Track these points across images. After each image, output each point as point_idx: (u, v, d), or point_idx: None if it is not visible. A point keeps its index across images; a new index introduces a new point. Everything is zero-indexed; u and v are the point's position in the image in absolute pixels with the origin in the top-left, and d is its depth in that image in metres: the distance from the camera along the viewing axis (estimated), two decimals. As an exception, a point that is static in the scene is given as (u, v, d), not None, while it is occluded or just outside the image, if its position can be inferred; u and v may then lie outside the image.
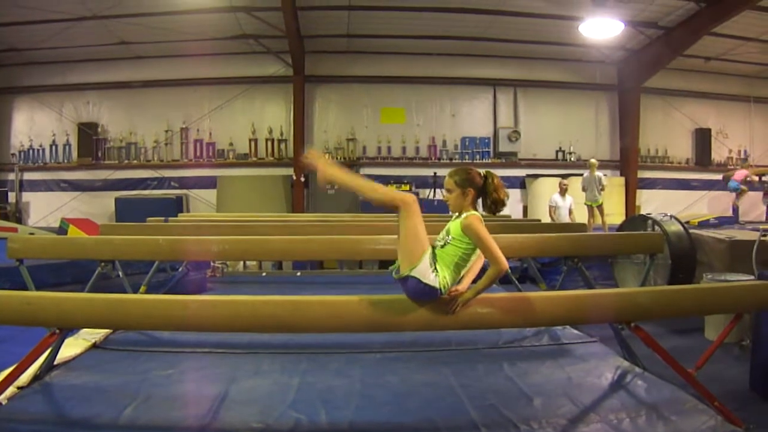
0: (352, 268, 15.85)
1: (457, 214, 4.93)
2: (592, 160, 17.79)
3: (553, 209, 17.59)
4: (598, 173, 17.43)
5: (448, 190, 4.96)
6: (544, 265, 12.79)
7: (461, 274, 4.86)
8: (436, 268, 4.67)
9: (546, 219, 17.28)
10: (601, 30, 17.73)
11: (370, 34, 20.24)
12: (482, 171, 4.97)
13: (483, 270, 4.93)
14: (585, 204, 17.65)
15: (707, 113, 23.57)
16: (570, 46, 20.66)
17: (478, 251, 4.82)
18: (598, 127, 23.11)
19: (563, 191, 17.82)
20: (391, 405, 5.52)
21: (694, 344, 7.87)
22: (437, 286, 4.64)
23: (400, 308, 4.78)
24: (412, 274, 4.63)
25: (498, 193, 4.90)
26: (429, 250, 4.70)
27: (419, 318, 4.81)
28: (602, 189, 17.32)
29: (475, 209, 4.91)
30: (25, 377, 5.63)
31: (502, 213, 5.08)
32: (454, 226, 4.84)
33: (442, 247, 4.82)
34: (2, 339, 7.03)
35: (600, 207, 17.37)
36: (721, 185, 21.43)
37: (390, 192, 5.02)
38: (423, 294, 4.68)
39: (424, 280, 4.62)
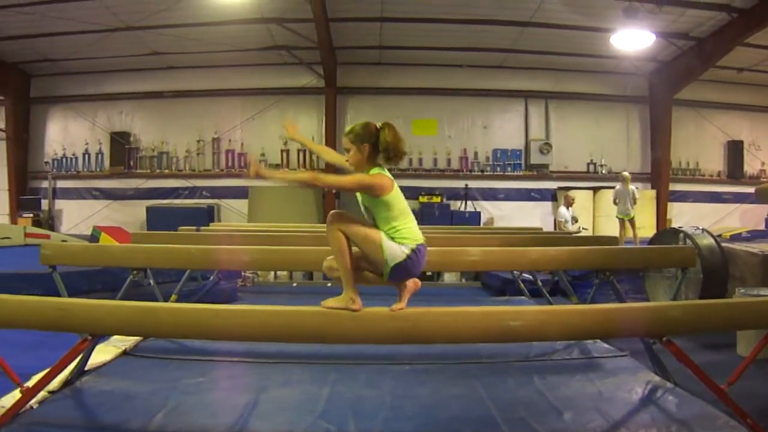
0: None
1: None
2: (626, 173, 17.68)
3: (562, 223, 17.53)
4: (632, 186, 17.34)
5: (347, 150, 4.90)
6: (575, 278, 12.72)
7: (409, 216, 4.85)
8: (394, 238, 4.68)
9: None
10: (633, 41, 17.66)
11: (402, 46, 20.27)
12: (380, 123, 4.89)
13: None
14: (617, 217, 17.56)
15: (740, 125, 23.35)
16: (601, 57, 20.56)
17: (399, 194, 4.82)
18: (629, 140, 22.96)
19: (569, 204, 17.79)
20: (420, 417, 5.49)
21: (726, 360, 7.76)
22: (410, 249, 4.68)
23: (430, 320, 4.77)
24: (391, 265, 4.65)
25: (393, 142, 4.81)
26: (382, 234, 4.69)
27: (449, 330, 4.80)
28: (635, 202, 17.24)
29: (379, 165, 4.87)
30: (56, 382, 5.66)
31: (533, 226, 5.08)
32: (362, 196, 4.84)
33: (375, 221, 4.81)
34: (34, 344, 7.06)
35: (632, 220, 17.27)
36: (754, 198, 21.27)
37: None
38: (411, 266, 4.72)
39: (401, 258, 4.65)
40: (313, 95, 21.47)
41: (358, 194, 4.85)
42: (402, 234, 4.70)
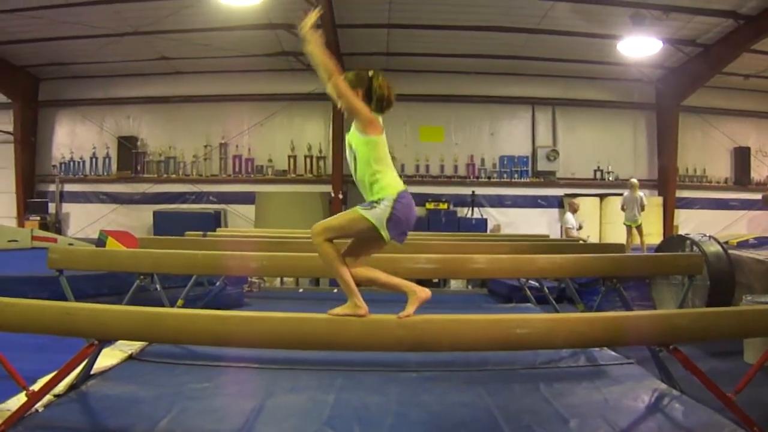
0: (387, 286, 15.86)
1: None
2: (633, 180, 17.72)
3: (569, 229, 17.55)
4: (639, 193, 17.37)
5: (337, 97, 4.87)
6: (581, 285, 12.69)
7: (391, 167, 4.89)
8: (375, 201, 4.72)
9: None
10: (640, 48, 17.70)
11: (410, 53, 20.29)
12: (371, 71, 4.91)
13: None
14: (624, 224, 17.59)
15: (747, 131, 23.29)
16: (608, 64, 20.57)
17: (385, 144, 4.88)
18: (636, 147, 22.96)
19: (575, 211, 17.85)
20: (427, 424, 5.48)
21: (733, 367, 7.72)
22: (391, 200, 4.68)
23: (437, 328, 4.79)
24: (384, 224, 4.69)
25: (383, 89, 4.85)
26: (356, 208, 4.77)
27: (456, 338, 4.81)
28: (642, 209, 17.25)
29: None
30: (61, 386, 5.67)
31: (540, 233, 5.10)
32: (350, 134, 4.90)
33: (355, 169, 4.88)
34: (40, 347, 7.06)
35: (639, 227, 17.29)
36: (761, 205, 21.23)
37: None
38: (402, 215, 4.74)
39: (387, 213, 4.67)
40: (321, 101, 21.34)
41: (347, 136, 4.95)
42: (381, 184, 4.74)
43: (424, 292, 4.86)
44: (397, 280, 5.03)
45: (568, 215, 17.81)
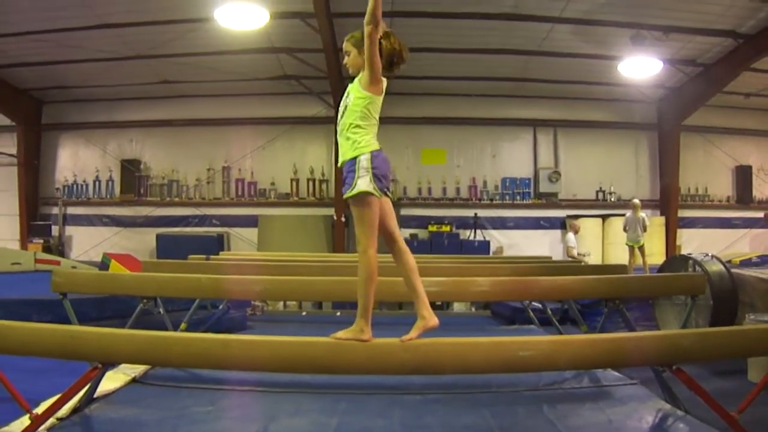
0: (391, 309, 15.86)
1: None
2: (636, 201, 17.77)
3: (571, 248, 17.58)
4: (642, 214, 17.40)
5: (347, 53, 5.12)
6: (584, 306, 12.69)
7: (375, 128, 5.02)
8: (356, 172, 4.83)
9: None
10: (640, 69, 17.74)
11: (411, 76, 20.29)
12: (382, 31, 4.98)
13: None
14: (626, 244, 17.62)
15: (748, 150, 23.29)
16: (609, 85, 20.63)
17: (379, 99, 5.00)
18: (638, 167, 22.96)
19: (576, 231, 18.03)
20: (431, 447, 5.49)
21: (737, 386, 7.72)
22: (368, 161, 4.83)
23: (440, 351, 4.80)
24: (375, 192, 4.85)
25: (393, 44, 5.00)
26: (353, 192, 4.83)
27: (459, 361, 4.83)
28: (645, 229, 17.29)
29: None
30: (65, 409, 5.67)
31: (542, 255, 5.13)
32: (352, 86, 5.01)
33: (342, 117, 5.03)
34: (43, 370, 7.08)
35: (641, 248, 17.32)
36: (763, 223, 21.21)
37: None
38: (379, 176, 4.86)
39: (370, 178, 4.80)
40: (323, 125, 21.43)
41: (349, 86, 5.07)
42: (360, 140, 4.88)
43: (433, 320, 4.91)
44: (422, 290, 5.12)
45: (570, 235, 17.85)
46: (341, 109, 5.04)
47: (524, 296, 9.96)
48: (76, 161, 23.22)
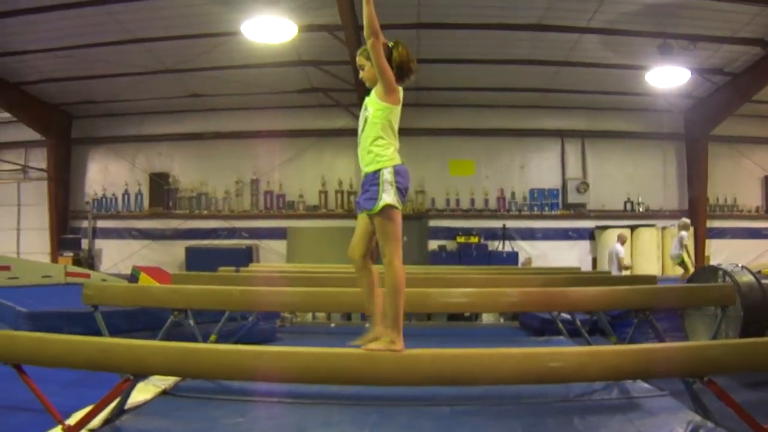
0: (420, 320, 15.84)
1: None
2: (683, 220, 17.84)
3: (623, 259, 17.53)
4: (683, 232, 17.42)
5: (361, 67, 5.22)
6: (613, 318, 12.59)
7: (396, 140, 5.13)
8: (380, 186, 4.92)
9: (614, 271, 17.19)
10: (668, 78, 17.66)
11: (438, 87, 20.33)
12: (392, 42, 5.12)
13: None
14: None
15: (777, 159, 23.09)
16: (637, 95, 20.54)
17: (397, 110, 5.10)
18: (665, 177, 22.78)
19: (623, 242, 17.96)
20: (461, 460, 5.47)
21: (768, 398, 7.70)
22: (391, 174, 4.94)
23: (471, 362, 4.79)
24: (399, 206, 4.97)
25: (403, 56, 5.09)
26: (380, 206, 4.91)
27: (490, 372, 4.81)
28: (681, 248, 17.28)
29: None
30: (96, 420, 5.69)
31: (571, 266, 5.12)
32: (369, 98, 5.11)
33: (362, 130, 5.13)
34: (74, 382, 7.11)
35: (682, 264, 17.30)
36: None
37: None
38: (401, 190, 4.98)
39: (394, 192, 4.91)
40: (351, 137, 21.20)
41: (366, 99, 5.17)
42: (381, 153, 5.01)
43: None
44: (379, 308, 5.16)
45: (618, 246, 17.77)
46: (361, 122, 5.14)
47: (554, 307, 9.91)
48: (105, 175, 23.39)
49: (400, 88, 5.12)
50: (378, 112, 5.01)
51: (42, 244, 22.88)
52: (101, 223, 23.17)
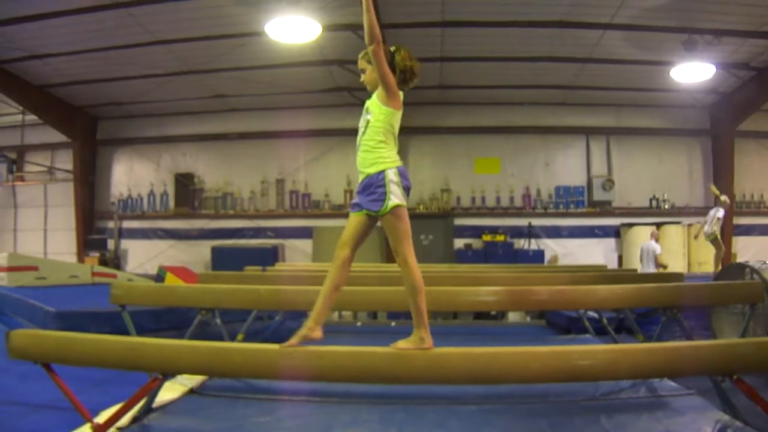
0: (446, 319, 15.81)
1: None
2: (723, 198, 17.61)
3: (661, 256, 17.43)
4: (711, 212, 17.28)
5: (362, 70, 5.22)
6: (639, 315, 12.54)
7: (394, 140, 5.18)
8: (386, 186, 5.00)
9: (648, 268, 17.10)
10: (693, 74, 17.45)
11: (463, 85, 20.31)
12: (393, 47, 5.17)
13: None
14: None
15: (805, 154, 22.83)
16: (661, 91, 20.45)
17: (399, 114, 5.13)
18: (691, 174, 22.58)
19: (658, 238, 17.84)
20: (489, 459, 5.46)
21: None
22: (396, 175, 5.02)
23: (500, 361, 4.78)
24: (405, 205, 5.07)
25: (405, 61, 5.11)
26: (388, 206, 5.00)
27: (519, 370, 4.80)
28: (714, 224, 17.10)
29: None
30: (124, 419, 5.74)
31: (597, 263, 5.09)
32: (371, 101, 5.13)
33: (363, 133, 5.13)
34: (102, 381, 7.16)
35: (714, 242, 17.13)
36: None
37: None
38: (406, 190, 5.10)
39: (401, 192, 5.00)
40: (375, 136, 21.48)
41: (367, 102, 5.18)
42: (383, 156, 5.06)
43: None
44: (329, 305, 5.29)
45: (654, 243, 17.68)
46: (362, 125, 5.16)
47: (582, 305, 9.87)
48: (130, 176, 23.55)
49: (401, 92, 5.17)
50: (380, 116, 5.06)
51: (69, 244, 23.05)
52: (127, 224, 23.33)
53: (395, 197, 4.95)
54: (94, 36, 16.48)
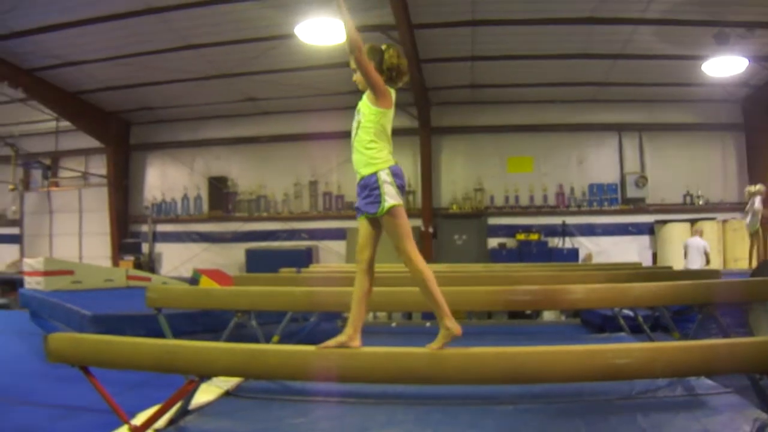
0: (481, 319, 15.77)
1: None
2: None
3: (710, 254, 17.29)
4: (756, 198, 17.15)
5: (354, 70, 5.22)
6: (675, 313, 12.44)
7: (389, 143, 5.30)
8: (380, 188, 5.06)
9: (695, 264, 16.95)
10: (725, 68, 17.39)
11: (494, 84, 20.27)
12: (384, 45, 5.25)
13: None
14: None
15: (841, 147, 22.51)
16: (693, 86, 20.24)
17: (391, 120, 5.28)
18: (725, 169, 22.30)
19: (701, 234, 17.68)
20: (526, 459, 5.44)
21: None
22: (389, 175, 5.12)
23: (537, 360, 4.76)
24: (401, 205, 5.13)
25: (393, 59, 5.20)
26: (385, 207, 5.05)
27: (556, 369, 4.78)
28: (754, 215, 16.97)
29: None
30: (161, 421, 5.77)
31: (631, 261, 5.06)
32: (362, 102, 5.23)
33: (355, 134, 5.24)
34: (138, 383, 7.22)
35: (755, 233, 17.00)
36: None
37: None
38: (400, 189, 5.18)
39: (395, 191, 5.08)
40: (408, 136, 21.52)
41: (359, 103, 5.28)
42: (375, 156, 5.18)
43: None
44: (362, 315, 5.39)
45: (701, 240, 17.55)
46: (354, 125, 5.25)
47: (618, 303, 9.80)
48: (164, 180, 23.77)
49: (392, 91, 5.28)
50: (371, 116, 5.15)
51: (103, 248, 23.27)
52: (161, 227, 23.50)
53: (390, 198, 5.01)
54: (127, 42, 16.67)
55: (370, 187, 5.06)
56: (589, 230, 21.88)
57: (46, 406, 7.00)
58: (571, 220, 21.75)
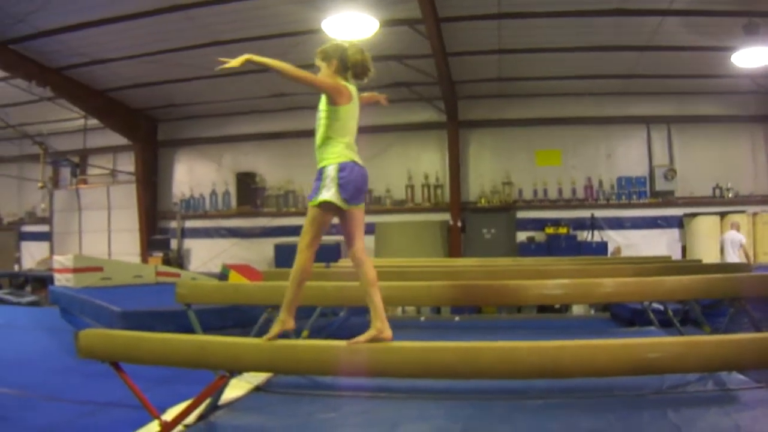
0: (510, 313, 15.74)
1: None
2: None
3: (746, 247, 17.16)
4: None
5: (318, 67, 5.52)
6: (706, 307, 12.34)
7: (348, 138, 5.54)
8: (323, 181, 5.31)
9: (732, 258, 16.82)
10: (755, 59, 17.14)
11: (521, 77, 20.18)
12: (348, 42, 5.54)
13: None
14: None
15: None
16: (722, 77, 19.95)
17: (352, 116, 5.57)
18: (755, 161, 22.03)
19: (739, 228, 17.57)
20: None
21: None
22: (335, 171, 5.31)
23: (569, 354, 4.74)
24: (338, 202, 5.32)
25: (356, 55, 5.48)
26: (311, 203, 5.42)
27: (589, 364, 4.75)
28: None
29: (347, 80, 5.59)
30: (191, 416, 5.80)
31: (660, 254, 5.04)
32: (321, 101, 5.43)
33: (316, 131, 5.48)
34: (167, 379, 7.26)
35: None
36: None
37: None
38: (345, 186, 5.36)
39: (335, 189, 5.26)
40: (435, 130, 21.57)
41: (321, 101, 5.44)
42: (328, 151, 5.42)
43: (387, 332, 5.15)
44: (379, 303, 5.41)
45: (737, 233, 17.40)
46: (316, 125, 5.45)
47: (649, 297, 9.73)
48: (191, 176, 23.87)
49: (352, 87, 5.48)
50: (323, 113, 5.41)
51: (132, 245, 23.42)
52: (189, 223, 23.61)
53: (326, 193, 5.22)
54: (153, 39, 16.75)
55: (317, 179, 5.29)
56: (618, 223, 21.74)
57: (76, 402, 7.06)
58: (599, 213, 21.61)
